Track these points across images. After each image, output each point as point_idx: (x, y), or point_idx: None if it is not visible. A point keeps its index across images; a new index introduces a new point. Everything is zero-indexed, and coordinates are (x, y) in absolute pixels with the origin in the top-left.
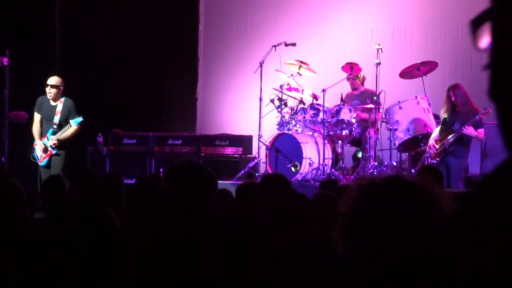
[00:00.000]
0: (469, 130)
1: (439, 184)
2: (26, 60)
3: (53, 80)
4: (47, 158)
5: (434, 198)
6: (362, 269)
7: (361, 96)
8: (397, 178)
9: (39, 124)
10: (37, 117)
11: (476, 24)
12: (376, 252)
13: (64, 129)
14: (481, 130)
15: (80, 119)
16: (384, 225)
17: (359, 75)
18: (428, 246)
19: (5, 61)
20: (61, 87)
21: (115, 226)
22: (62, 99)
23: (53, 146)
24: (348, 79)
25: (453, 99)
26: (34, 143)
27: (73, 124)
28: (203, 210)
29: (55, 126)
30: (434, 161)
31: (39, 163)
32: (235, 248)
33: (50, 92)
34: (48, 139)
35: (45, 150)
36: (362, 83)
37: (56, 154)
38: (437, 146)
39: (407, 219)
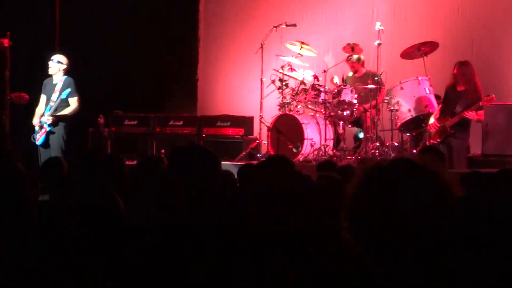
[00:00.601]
0: (471, 115)
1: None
2: (26, 41)
3: (58, 56)
4: (43, 136)
5: (440, 179)
6: None
7: (363, 78)
8: (402, 159)
9: (43, 106)
10: (42, 98)
11: None
12: None
13: (53, 103)
14: (481, 112)
15: (75, 96)
16: (391, 206)
17: (359, 57)
18: None
19: (6, 42)
20: (63, 64)
21: (118, 208)
22: (63, 78)
23: (48, 123)
24: (348, 61)
25: (454, 71)
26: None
27: (63, 97)
28: (206, 191)
29: (52, 104)
30: (435, 142)
31: (36, 142)
32: (240, 229)
33: (50, 66)
34: (44, 116)
35: (41, 126)
36: (362, 65)
37: (50, 132)
38: (438, 125)
39: (414, 200)
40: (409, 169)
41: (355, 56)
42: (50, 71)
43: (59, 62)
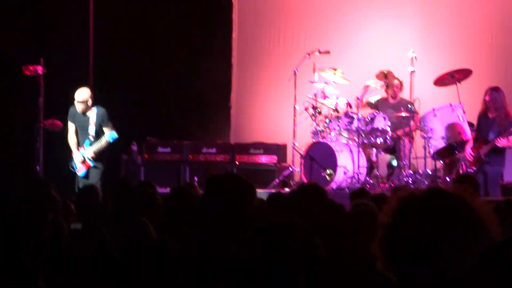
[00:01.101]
0: (503, 142)
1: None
2: (60, 68)
3: (80, 96)
4: (85, 170)
5: (474, 210)
6: None
7: (397, 105)
8: (437, 190)
9: (74, 135)
10: (71, 127)
11: None
12: None
13: (99, 141)
14: None
15: (115, 134)
16: (424, 237)
17: (394, 81)
18: None
19: (40, 69)
20: (89, 101)
21: (151, 236)
22: (94, 109)
23: (91, 159)
24: (383, 86)
25: (486, 98)
26: (72, 153)
27: (109, 140)
28: (241, 219)
29: (91, 137)
30: (471, 170)
31: (77, 173)
32: (273, 257)
33: (78, 108)
34: (85, 149)
35: (83, 161)
36: (402, 89)
37: (94, 167)
38: (473, 154)
39: (448, 231)
40: (444, 200)
41: (396, 81)
42: (80, 111)
43: (83, 101)
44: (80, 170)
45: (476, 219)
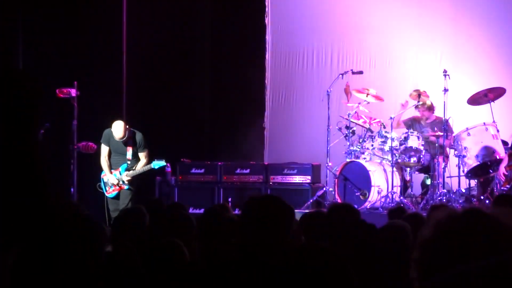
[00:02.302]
0: None
1: None
2: (94, 90)
3: (117, 132)
4: (116, 192)
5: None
6: None
7: (432, 125)
8: (475, 211)
9: (107, 157)
10: (104, 149)
11: None
12: None
13: (139, 168)
14: None
15: (163, 163)
16: (462, 259)
17: (426, 102)
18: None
19: (73, 92)
20: (126, 132)
21: (184, 257)
22: (130, 134)
23: (126, 182)
24: (416, 107)
25: None
26: (103, 174)
27: (155, 167)
28: (279, 244)
29: (129, 162)
30: (504, 188)
31: (107, 195)
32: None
33: (115, 134)
34: (120, 174)
35: (118, 184)
36: (433, 112)
37: (127, 189)
38: (506, 173)
39: (485, 253)
40: (482, 222)
41: (426, 103)
42: (118, 137)
43: (124, 136)
44: (111, 192)
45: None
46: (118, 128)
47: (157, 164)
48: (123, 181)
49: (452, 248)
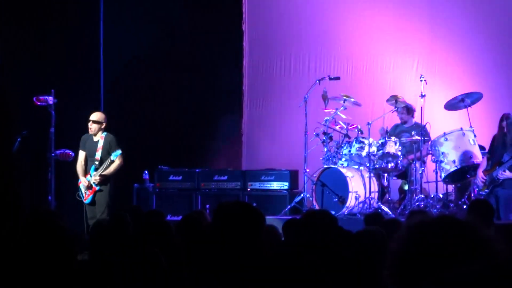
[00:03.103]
0: (506, 174)
1: (489, 221)
2: (71, 98)
3: (95, 115)
4: (91, 195)
5: (484, 240)
6: None
7: (410, 129)
8: (447, 218)
9: (83, 162)
10: (81, 155)
11: None
12: None
13: (105, 163)
14: None
15: (119, 151)
16: (434, 266)
17: (409, 108)
18: None
19: (50, 100)
20: (103, 123)
21: (161, 265)
22: (103, 135)
23: (96, 182)
24: (394, 112)
25: (503, 124)
26: (79, 181)
27: (113, 158)
28: (251, 248)
29: (96, 162)
30: (483, 193)
31: (84, 201)
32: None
33: (91, 127)
34: (90, 176)
35: (90, 187)
36: (412, 115)
37: (99, 190)
38: (485, 177)
39: (458, 260)
40: (453, 229)
41: (404, 106)
42: (92, 132)
43: (98, 121)
44: (86, 197)
45: (484, 248)
46: (97, 112)
47: (114, 154)
48: (94, 182)
49: (422, 255)
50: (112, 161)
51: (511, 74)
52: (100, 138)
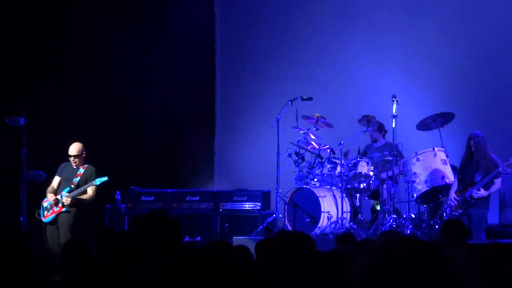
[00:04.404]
0: (480, 193)
1: (463, 241)
2: (43, 119)
3: (74, 149)
4: (53, 215)
5: (447, 260)
6: None
7: (382, 149)
8: (410, 240)
9: (55, 186)
10: (56, 180)
11: None
12: None
13: (81, 188)
14: (498, 180)
15: (105, 178)
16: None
17: (380, 126)
18: None
19: (22, 120)
20: (84, 152)
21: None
22: (85, 165)
23: (66, 203)
24: (365, 132)
25: (471, 143)
26: (44, 200)
27: (96, 183)
28: (169, 257)
29: (73, 186)
30: (456, 213)
31: (43, 219)
32: None
33: (75, 161)
34: (61, 196)
35: (56, 202)
36: (383, 135)
37: (65, 211)
38: (458, 198)
39: (420, 283)
40: (416, 250)
41: (376, 125)
42: (76, 165)
43: (79, 155)
44: (47, 216)
45: (447, 269)
46: (74, 145)
47: (99, 180)
48: (62, 203)
49: (384, 277)
50: (92, 183)
51: (481, 94)
52: (81, 168)
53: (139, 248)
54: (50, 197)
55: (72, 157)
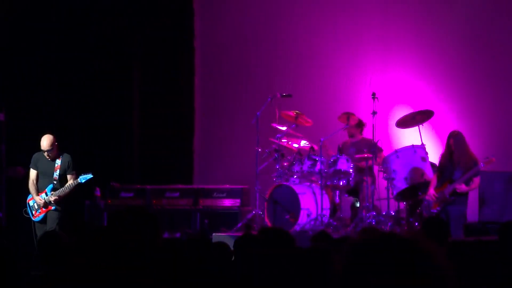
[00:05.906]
0: (462, 188)
1: (444, 238)
2: (22, 115)
3: (46, 144)
4: (43, 214)
5: (428, 257)
6: None
7: (358, 144)
8: (390, 236)
9: (35, 181)
10: (33, 173)
11: None
12: None
13: (66, 185)
14: (477, 178)
15: (90, 175)
16: (377, 285)
17: (358, 122)
18: None
19: (1, 116)
20: (56, 144)
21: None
22: (61, 156)
23: (53, 202)
24: (344, 129)
25: (451, 142)
26: (28, 198)
27: (82, 181)
28: (147, 251)
29: (55, 182)
30: (434, 210)
31: (33, 219)
32: None
33: (49, 155)
34: (47, 194)
35: (45, 205)
36: (360, 132)
37: (54, 210)
38: (437, 195)
39: (401, 279)
40: (395, 247)
41: (354, 122)
42: (52, 158)
43: (51, 148)
44: (37, 215)
45: (429, 265)
46: (46, 139)
47: (83, 178)
48: (50, 202)
49: (365, 273)
50: (77, 181)
51: (461, 92)
52: (58, 160)
53: (116, 244)
54: (38, 199)
55: (45, 152)
